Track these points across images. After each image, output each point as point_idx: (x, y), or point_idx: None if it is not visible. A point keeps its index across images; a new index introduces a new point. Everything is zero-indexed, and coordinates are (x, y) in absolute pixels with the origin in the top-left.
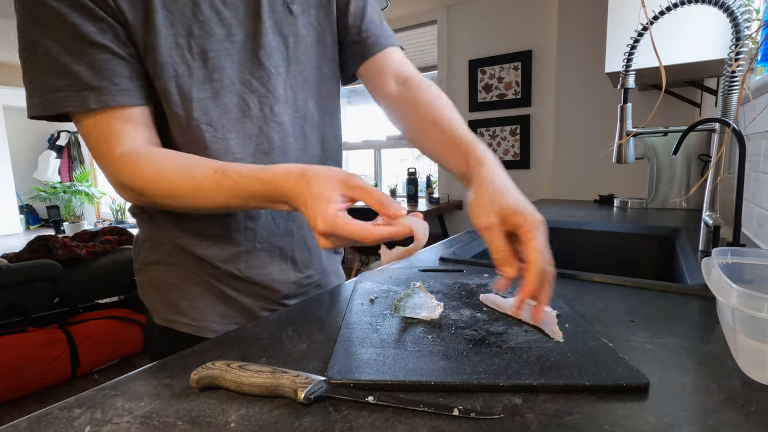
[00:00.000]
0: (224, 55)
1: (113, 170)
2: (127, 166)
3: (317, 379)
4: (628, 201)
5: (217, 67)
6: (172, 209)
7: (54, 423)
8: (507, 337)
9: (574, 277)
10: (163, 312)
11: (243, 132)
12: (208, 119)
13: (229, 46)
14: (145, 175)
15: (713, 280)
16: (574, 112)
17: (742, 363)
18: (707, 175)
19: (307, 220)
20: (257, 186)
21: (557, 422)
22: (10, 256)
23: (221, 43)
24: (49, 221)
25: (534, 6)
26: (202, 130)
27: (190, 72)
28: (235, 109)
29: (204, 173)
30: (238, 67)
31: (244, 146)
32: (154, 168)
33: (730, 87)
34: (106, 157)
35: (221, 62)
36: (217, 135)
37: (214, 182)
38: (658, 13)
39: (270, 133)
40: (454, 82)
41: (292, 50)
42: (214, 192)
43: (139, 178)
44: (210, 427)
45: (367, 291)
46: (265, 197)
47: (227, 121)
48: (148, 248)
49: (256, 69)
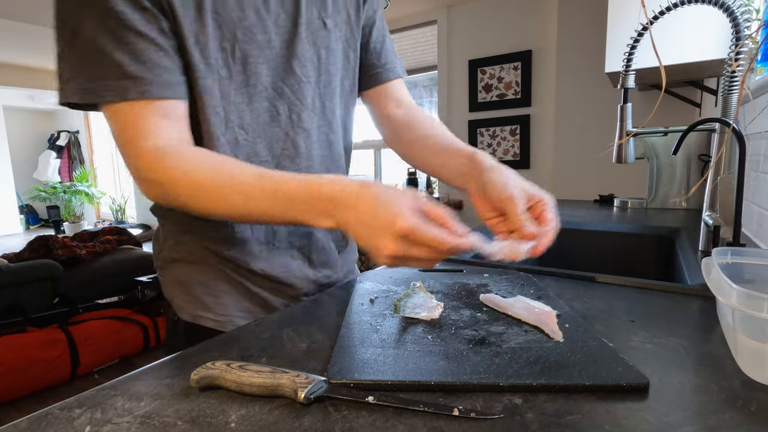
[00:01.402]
0: (262, 61)
1: (140, 164)
2: (156, 160)
3: (317, 379)
4: (628, 201)
5: (254, 73)
6: (196, 212)
7: (54, 423)
8: (507, 337)
9: (574, 277)
10: (189, 308)
11: (271, 136)
12: (242, 122)
13: (267, 53)
14: (176, 171)
15: (713, 280)
16: (574, 112)
17: (742, 363)
18: (707, 175)
19: (370, 229)
20: (302, 192)
21: (557, 422)
22: (10, 256)
23: (261, 50)
24: (49, 221)
25: (534, 6)
26: (236, 133)
27: (231, 75)
28: (265, 114)
29: (244, 173)
30: (272, 73)
31: (271, 150)
32: (186, 165)
33: (730, 87)
34: (135, 150)
35: (258, 68)
36: (247, 138)
37: (254, 181)
38: (658, 13)
39: (296, 138)
40: (454, 82)
41: (323, 61)
42: (254, 193)
43: (168, 175)
44: (210, 427)
45: (367, 291)
46: (308, 204)
47: (257, 125)
48: (171, 246)
49: (288, 76)
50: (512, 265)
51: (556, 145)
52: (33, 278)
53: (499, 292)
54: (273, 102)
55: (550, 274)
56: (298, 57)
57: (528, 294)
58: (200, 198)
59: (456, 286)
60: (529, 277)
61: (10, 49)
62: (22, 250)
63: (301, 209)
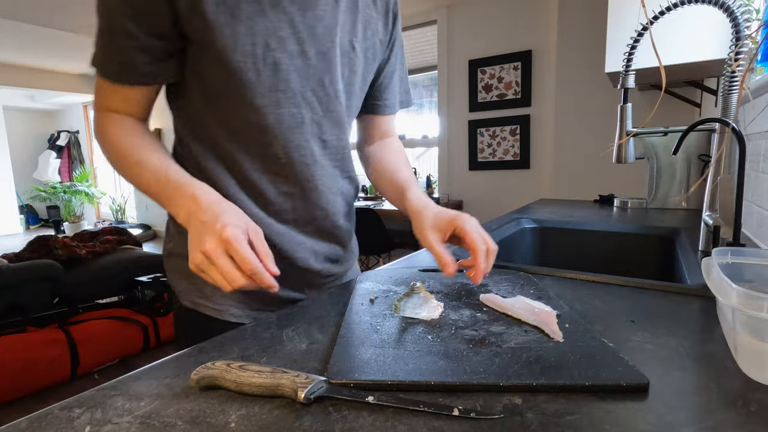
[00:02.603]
0: (293, 69)
1: (96, 123)
2: (104, 123)
3: (317, 379)
4: (628, 201)
5: (284, 79)
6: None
7: (54, 423)
8: (507, 337)
9: (574, 277)
10: (189, 295)
11: (292, 141)
12: (265, 124)
13: (299, 62)
14: (108, 135)
15: (713, 280)
16: (574, 112)
17: (742, 363)
18: (707, 174)
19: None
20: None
21: (557, 422)
22: (10, 256)
23: (292, 59)
24: (49, 221)
25: (534, 6)
26: (256, 134)
27: (259, 79)
28: (290, 119)
29: (151, 157)
30: (303, 82)
31: (289, 154)
32: (117, 132)
33: (730, 87)
34: (98, 113)
35: (289, 75)
36: (267, 139)
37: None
38: (658, 13)
39: (314, 148)
40: (454, 82)
41: (347, 80)
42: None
43: (103, 137)
44: (210, 427)
45: (367, 291)
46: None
47: (279, 129)
48: (177, 240)
49: (319, 88)
50: (512, 266)
51: (556, 145)
52: (33, 278)
53: (499, 292)
54: (300, 109)
55: (550, 274)
56: (331, 71)
57: (528, 294)
58: (114, 163)
59: (456, 286)
60: (529, 277)
61: (10, 49)
62: (22, 250)
63: (170, 194)
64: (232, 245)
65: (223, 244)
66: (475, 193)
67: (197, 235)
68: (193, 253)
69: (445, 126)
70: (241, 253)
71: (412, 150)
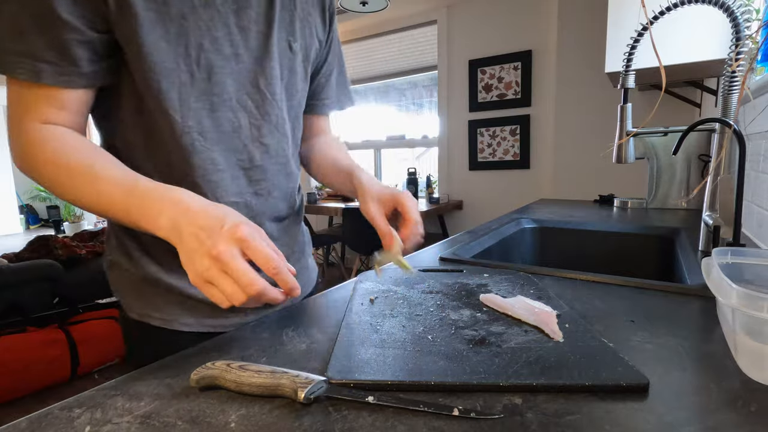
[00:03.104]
0: (228, 72)
1: (22, 140)
2: (35, 142)
3: (317, 379)
4: (628, 201)
5: (219, 82)
6: (55, 192)
7: (54, 423)
8: (507, 337)
9: (574, 277)
10: (136, 307)
11: (229, 146)
12: (200, 128)
13: (234, 65)
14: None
15: (713, 280)
16: (574, 112)
17: (742, 363)
18: (708, 177)
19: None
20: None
21: (557, 422)
22: (10, 256)
23: (227, 62)
24: (49, 221)
25: (534, 6)
26: (192, 138)
27: (193, 82)
28: (227, 124)
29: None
30: (238, 86)
31: (227, 159)
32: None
33: (730, 87)
34: (22, 127)
35: (224, 78)
36: (205, 144)
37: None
38: (658, 13)
39: (253, 151)
40: (454, 82)
41: (287, 82)
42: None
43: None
44: (210, 427)
45: (367, 291)
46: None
47: (217, 134)
48: (119, 251)
49: (254, 92)
50: (512, 266)
51: (556, 145)
52: (33, 278)
53: (499, 292)
54: (236, 113)
55: (550, 274)
56: (266, 74)
57: (528, 294)
58: (60, 186)
59: (456, 286)
60: (529, 277)
61: None
62: (22, 250)
63: (144, 203)
64: (250, 244)
65: (238, 243)
66: (475, 193)
67: (196, 241)
68: (198, 262)
69: (445, 126)
70: (262, 250)
71: (412, 150)
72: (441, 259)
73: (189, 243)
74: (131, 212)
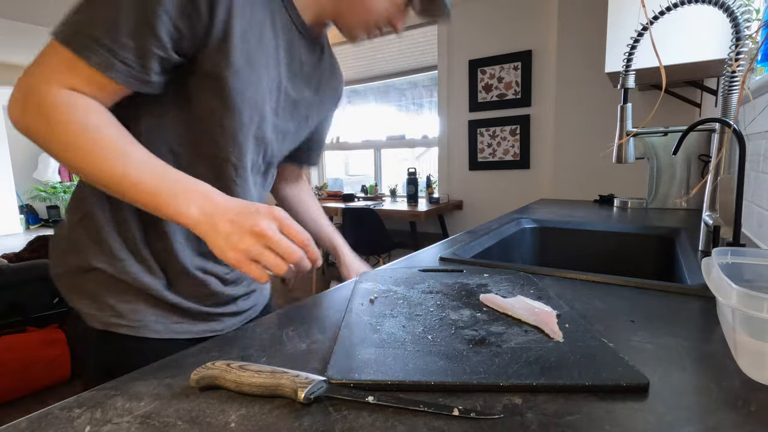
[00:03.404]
0: (269, 123)
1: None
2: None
3: (317, 379)
4: (628, 201)
5: (264, 129)
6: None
7: (54, 423)
8: (507, 337)
9: (574, 277)
10: (100, 316)
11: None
12: (237, 164)
13: (272, 119)
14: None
15: (713, 280)
16: (574, 112)
17: (742, 363)
18: (708, 176)
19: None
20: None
21: (557, 422)
22: (10, 256)
23: (271, 116)
24: (49, 221)
25: (534, 6)
26: (228, 171)
27: (251, 123)
28: (251, 164)
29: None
30: (273, 135)
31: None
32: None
33: (730, 87)
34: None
35: (266, 127)
36: (236, 180)
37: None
38: (658, 13)
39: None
40: (454, 82)
41: (292, 137)
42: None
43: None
44: (210, 427)
45: (367, 291)
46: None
47: (246, 173)
48: (66, 259)
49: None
50: (512, 266)
51: (556, 145)
52: (33, 278)
53: (499, 292)
54: (259, 157)
55: (550, 274)
56: (265, 139)
57: (528, 294)
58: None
59: (456, 286)
60: (529, 277)
61: (10, 49)
62: (22, 250)
63: (176, 191)
64: (285, 221)
65: (276, 221)
66: (475, 193)
67: (233, 225)
68: (241, 241)
69: (445, 126)
70: (295, 226)
71: (412, 150)
72: (441, 259)
73: (225, 228)
74: (159, 196)
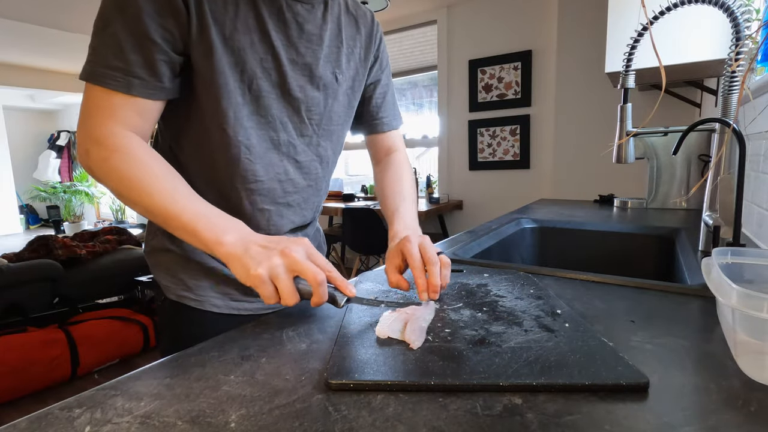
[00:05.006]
0: (273, 97)
1: (99, 133)
2: (114, 135)
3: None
4: (628, 201)
5: (265, 105)
6: (119, 194)
7: (54, 423)
8: (507, 337)
9: (574, 277)
10: (174, 289)
11: (269, 160)
12: (248, 144)
13: (279, 91)
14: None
15: (713, 280)
16: (574, 112)
17: (742, 363)
18: (707, 175)
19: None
20: (218, 212)
21: (557, 422)
22: (10, 256)
23: (273, 88)
24: (49, 221)
25: (534, 6)
26: (240, 151)
27: (245, 102)
28: (268, 141)
29: (180, 184)
30: (281, 109)
31: (266, 171)
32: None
33: (730, 87)
34: (104, 124)
35: (270, 102)
36: (249, 157)
37: (186, 189)
38: (658, 13)
39: (288, 167)
40: (454, 82)
41: (329, 108)
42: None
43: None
44: (210, 427)
45: (367, 291)
46: (223, 218)
47: (260, 149)
48: (161, 236)
49: (293, 114)
50: (512, 266)
51: (556, 145)
52: (33, 278)
53: (500, 291)
54: (277, 132)
55: (550, 274)
56: (307, 103)
57: (528, 294)
58: (128, 185)
59: (456, 286)
60: (529, 276)
61: (10, 49)
62: (22, 250)
63: (214, 224)
64: (313, 251)
65: (305, 249)
66: (475, 193)
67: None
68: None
69: (445, 126)
70: (321, 257)
71: (412, 150)
72: None
73: (255, 251)
74: (198, 225)
